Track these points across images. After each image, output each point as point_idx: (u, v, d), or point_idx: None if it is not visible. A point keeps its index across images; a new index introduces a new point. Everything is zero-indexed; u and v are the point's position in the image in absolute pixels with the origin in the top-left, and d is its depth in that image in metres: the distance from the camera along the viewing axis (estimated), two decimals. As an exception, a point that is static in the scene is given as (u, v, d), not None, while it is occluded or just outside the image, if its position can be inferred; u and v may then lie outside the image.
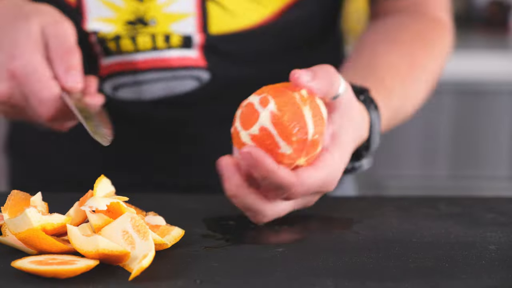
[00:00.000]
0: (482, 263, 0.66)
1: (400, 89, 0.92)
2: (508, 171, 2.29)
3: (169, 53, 0.96)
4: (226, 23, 0.96)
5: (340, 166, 0.75)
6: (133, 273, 0.60)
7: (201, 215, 0.79)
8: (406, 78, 0.94)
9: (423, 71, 0.97)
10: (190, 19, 0.95)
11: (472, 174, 2.30)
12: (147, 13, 0.94)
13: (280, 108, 0.70)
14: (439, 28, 1.03)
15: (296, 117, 0.70)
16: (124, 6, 0.94)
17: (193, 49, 0.96)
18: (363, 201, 0.86)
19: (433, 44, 1.00)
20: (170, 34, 0.95)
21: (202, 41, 0.96)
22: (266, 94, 0.71)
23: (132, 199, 0.71)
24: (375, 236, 0.73)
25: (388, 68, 0.93)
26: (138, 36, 0.95)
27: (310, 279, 0.62)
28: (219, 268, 0.64)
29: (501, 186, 2.28)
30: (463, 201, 0.88)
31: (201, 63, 0.97)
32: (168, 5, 0.94)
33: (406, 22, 1.01)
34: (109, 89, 0.99)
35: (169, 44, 0.95)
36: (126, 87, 0.99)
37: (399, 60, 0.94)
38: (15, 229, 0.64)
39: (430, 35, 1.00)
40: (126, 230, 0.64)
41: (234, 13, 0.95)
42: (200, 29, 0.95)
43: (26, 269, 0.60)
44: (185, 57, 0.96)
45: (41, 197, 0.70)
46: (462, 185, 2.27)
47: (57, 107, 0.82)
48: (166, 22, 0.95)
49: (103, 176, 0.72)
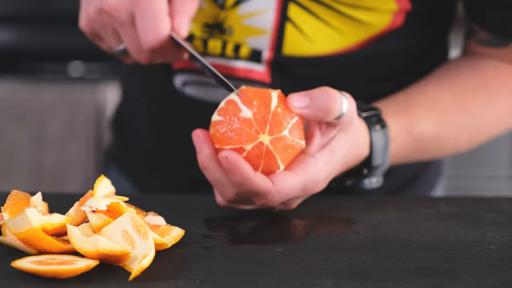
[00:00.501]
0: (482, 263, 0.66)
1: (432, 122, 0.90)
2: (508, 171, 2.29)
3: (236, 63, 0.95)
4: (301, 47, 0.94)
5: (323, 171, 0.76)
6: (133, 273, 0.60)
7: (201, 215, 0.79)
8: (446, 115, 0.91)
9: (470, 118, 0.93)
10: (265, 37, 0.93)
11: (472, 174, 2.29)
12: (225, 21, 0.94)
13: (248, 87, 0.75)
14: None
15: (260, 93, 0.74)
16: (206, 9, 0.94)
17: (260, 64, 0.95)
18: (363, 201, 0.86)
19: (498, 93, 0.95)
20: (241, 44, 0.94)
21: (271, 58, 0.94)
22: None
23: (132, 199, 0.71)
24: (375, 236, 0.73)
25: (426, 100, 0.91)
26: (210, 40, 0.95)
27: (310, 279, 0.62)
28: (219, 268, 0.64)
29: (501, 186, 2.28)
30: (463, 201, 0.88)
31: (266, 79, 0.95)
32: (248, 18, 0.93)
33: (483, 65, 0.96)
34: (179, 83, 0.99)
35: (238, 54, 0.94)
36: (193, 85, 0.99)
37: (445, 98, 0.92)
38: (15, 229, 0.64)
39: (500, 84, 0.95)
40: (126, 230, 0.64)
41: (311, 39, 0.93)
42: (272, 47, 0.94)
43: (26, 269, 0.60)
44: (251, 70, 0.95)
45: (41, 197, 0.70)
46: (462, 185, 2.27)
47: (161, 40, 0.81)
48: (242, 34, 0.94)
49: (103, 176, 0.72)
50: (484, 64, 0.96)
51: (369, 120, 0.83)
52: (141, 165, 1.11)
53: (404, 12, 0.92)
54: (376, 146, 0.83)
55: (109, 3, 0.81)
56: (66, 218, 0.66)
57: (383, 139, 0.83)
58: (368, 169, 0.84)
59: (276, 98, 0.74)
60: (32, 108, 2.08)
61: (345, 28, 0.92)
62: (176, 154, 1.05)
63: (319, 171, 0.76)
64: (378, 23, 0.92)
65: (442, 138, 0.92)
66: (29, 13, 2.15)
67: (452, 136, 0.93)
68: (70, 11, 2.06)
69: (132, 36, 0.83)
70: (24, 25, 2.16)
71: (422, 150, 0.92)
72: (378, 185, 0.86)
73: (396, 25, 0.93)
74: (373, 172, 0.84)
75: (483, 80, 0.94)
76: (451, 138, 0.93)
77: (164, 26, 0.81)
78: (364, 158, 0.83)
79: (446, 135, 0.92)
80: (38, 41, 2.15)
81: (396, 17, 0.92)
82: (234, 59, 0.95)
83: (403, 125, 0.87)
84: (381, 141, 0.83)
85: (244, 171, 0.71)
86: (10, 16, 2.15)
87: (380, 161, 0.84)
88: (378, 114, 0.84)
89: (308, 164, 0.75)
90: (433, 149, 0.93)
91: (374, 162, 0.83)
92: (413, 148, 0.90)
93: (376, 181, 0.86)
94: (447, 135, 0.92)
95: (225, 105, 0.74)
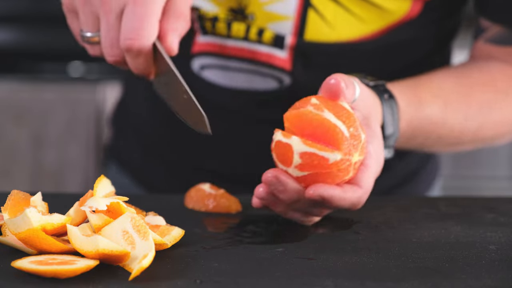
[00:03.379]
0: (482, 263, 0.66)
1: (439, 106, 0.90)
2: (507, 171, 2.29)
3: (259, 47, 0.95)
4: (323, 33, 0.94)
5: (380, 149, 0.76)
6: (133, 273, 0.60)
7: (201, 215, 0.79)
8: (453, 104, 0.92)
9: (476, 111, 0.93)
10: (288, 23, 0.94)
11: (472, 174, 2.29)
12: (248, 7, 0.94)
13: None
14: None
15: (321, 125, 0.70)
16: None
17: (283, 50, 0.95)
18: (363, 201, 0.86)
19: (506, 94, 0.95)
20: (265, 29, 0.94)
21: (294, 44, 0.95)
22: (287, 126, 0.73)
23: (132, 199, 0.71)
24: (375, 236, 0.73)
25: (434, 88, 0.91)
26: (234, 23, 0.95)
27: (310, 279, 0.62)
28: (219, 268, 0.64)
29: (501, 186, 2.28)
30: (463, 201, 0.88)
31: (287, 66, 0.96)
32: (270, 4, 0.93)
33: (489, 67, 0.96)
34: (197, 67, 0.99)
35: (261, 39, 0.95)
36: (212, 68, 0.99)
37: (451, 89, 0.92)
38: (15, 229, 0.64)
39: (507, 85, 0.96)
40: (126, 230, 0.64)
41: (332, 25, 0.94)
42: (295, 33, 0.94)
43: (26, 269, 0.60)
44: (273, 55, 0.96)
45: (41, 197, 0.70)
46: (462, 185, 2.27)
47: (140, 43, 0.77)
48: (264, 20, 0.94)
49: (103, 176, 0.72)
50: (490, 66, 0.96)
51: (377, 89, 0.83)
52: (141, 157, 1.11)
53: (422, 0, 0.94)
54: (386, 115, 0.83)
55: None
56: (66, 218, 0.66)
57: (391, 108, 0.83)
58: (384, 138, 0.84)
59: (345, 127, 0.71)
60: (32, 108, 2.09)
61: (365, 15, 0.93)
62: (183, 142, 1.05)
63: (379, 152, 0.76)
64: (397, 10, 0.94)
65: (448, 125, 0.92)
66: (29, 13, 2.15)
67: (458, 125, 0.93)
68: (70, 11, 2.06)
69: (112, 27, 0.78)
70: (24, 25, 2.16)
71: (428, 134, 0.92)
72: (390, 156, 0.86)
73: (413, 14, 0.95)
74: (385, 142, 0.84)
75: (490, 79, 0.95)
76: (456, 127, 0.93)
77: (152, 32, 0.77)
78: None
79: (452, 122, 0.92)
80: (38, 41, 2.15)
81: (414, 5, 0.94)
82: (257, 43, 0.95)
83: (410, 103, 0.87)
84: (390, 110, 0.83)
85: (337, 200, 0.71)
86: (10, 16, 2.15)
87: (391, 130, 0.83)
88: (383, 84, 0.84)
89: (369, 151, 0.75)
90: (438, 135, 0.93)
91: (387, 131, 0.83)
92: (420, 129, 0.90)
93: (387, 152, 0.85)
94: (453, 122, 0.92)
95: (304, 159, 0.71)
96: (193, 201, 0.82)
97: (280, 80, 0.97)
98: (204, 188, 0.83)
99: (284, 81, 0.97)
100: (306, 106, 0.71)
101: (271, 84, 0.98)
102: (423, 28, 0.97)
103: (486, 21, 0.97)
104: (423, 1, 0.94)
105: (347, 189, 0.72)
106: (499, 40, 0.96)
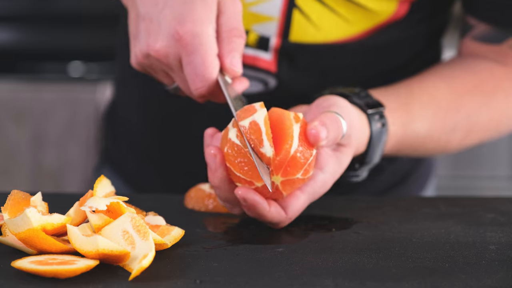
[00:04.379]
0: (482, 263, 0.66)
1: (428, 120, 0.90)
2: (508, 171, 2.29)
3: (244, 50, 0.95)
4: (308, 34, 0.94)
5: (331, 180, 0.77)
6: (133, 273, 0.60)
7: (201, 215, 0.79)
8: (442, 114, 0.92)
9: (464, 118, 0.93)
10: (273, 23, 0.93)
11: (472, 174, 2.29)
12: None
13: (272, 112, 0.73)
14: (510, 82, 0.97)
15: (282, 126, 0.72)
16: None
17: (268, 52, 0.94)
18: (363, 201, 0.87)
19: (494, 96, 0.95)
20: (249, 31, 0.94)
21: (278, 45, 0.94)
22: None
23: (132, 199, 0.71)
24: (375, 236, 0.73)
25: (426, 96, 0.91)
26: None
27: (310, 279, 0.62)
28: (219, 268, 0.64)
29: (501, 186, 2.28)
30: (463, 201, 0.88)
31: (272, 68, 0.95)
32: (255, 5, 0.93)
33: (478, 67, 0.96)
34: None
35: (246, 41, 0.94)
36: None
37: (442, 96, 0.92)
38: (15, 229, 0.64)
39: (495, 86, 0.96)
40: (126, 230, 0.64)
41: (318, 26, 0.93)
42: (280, 34, 0.94)
43: (26, 269, 0.60)
44: (258, 57, 0.95)
45: (41, 197, 0.70)
46: (462, 185, 2.27)
47: (210, 86, 0.78)
48: (249, 21, 0.93)
49: (103, 176, 0.72)
50: (478, 66, 0.96)
51: (372, 117, 0.83)
52: (133, 161, 1.10)
53: (408, 1, 0.93)
54: (374, 145, 0.83)
55: (156, 49, 0.78)
56: (66, 218, 0.66)
57: (381, 137, 0.83)
58: (360, 164, 0.84)
59: (297, 139, 0.72)
60: (32, 108, 2.08)
61: (351, 16, 0.93)
62: (173, 147, 1.05)
63: (327, 182, 0.76)
64: (383, 11, 0.93)
65: (435, 138, 0.92)
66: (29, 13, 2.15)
67: (445, 136, 0.93)
68: (70, 11, 2.06)
69: (182, 79, 0.80)
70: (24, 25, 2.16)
71: (414, 148, 0.92)
72: (362, 178, 0.86)
73: (400, 15, 0.94)
74: (363, 167, 0.84)
75: (479, 81, 0.95)
76: (443, 138, 0.93)
77: (212, 72, 0.77)
78: (360, 154, 0.83)
79: (438, 135, 0.92)
80: (38, 41, 2.15)
81: (401, 6, 0.93)
82: None
83: (401, 123, 0.88)
84: (379, 140, 0.83)
85: (260, 209, 0.73)
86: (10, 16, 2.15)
87: (375, 159, 0.84)
88: (381, 112, 0.84)
89: (317, 179, 0.75)
90: (425, 147, 0.93)
91: (368, 159, 0.83)
92: (406, 144, 0.90)
93: (363, 175, 0.86)
94: (439, 135, 0.93)
95: (249, 126, 0.72)
96: (193, 201, 0.82)
97: (265, 82, 0.97)
98: (204, 188, 0.83)
99: (270, 83, 0.96)
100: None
101: (257, 87, 0.97)
102: (410, 28, 0.97)
103: (473, 19, 0.97)
104: (410, 1, 0.94)
105: (273, 208, 0.74)
106: (486, 38, 0.96)
